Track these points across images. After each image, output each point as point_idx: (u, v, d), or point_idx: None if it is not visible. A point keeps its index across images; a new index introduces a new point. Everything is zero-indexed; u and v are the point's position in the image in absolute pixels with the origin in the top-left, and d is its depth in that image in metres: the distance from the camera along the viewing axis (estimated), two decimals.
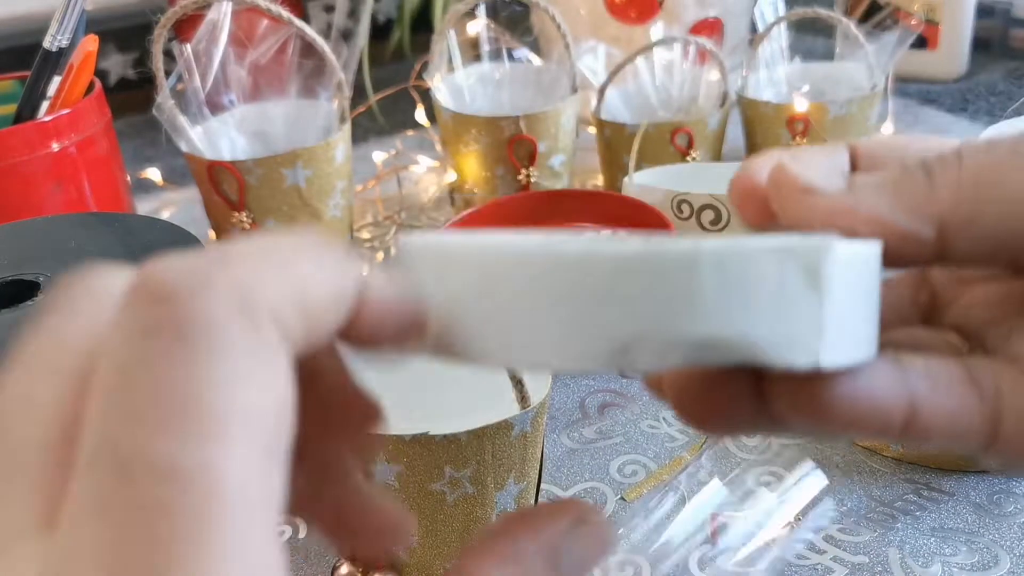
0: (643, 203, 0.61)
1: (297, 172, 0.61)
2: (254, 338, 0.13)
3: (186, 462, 0.12)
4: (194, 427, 0.12)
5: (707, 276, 0.15)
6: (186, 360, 0.13)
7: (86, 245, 0.44)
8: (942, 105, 0.86)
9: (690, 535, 0.41)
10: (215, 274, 0.13)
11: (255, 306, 0.13)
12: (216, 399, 0.12)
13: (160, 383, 0.12)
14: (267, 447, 0.13)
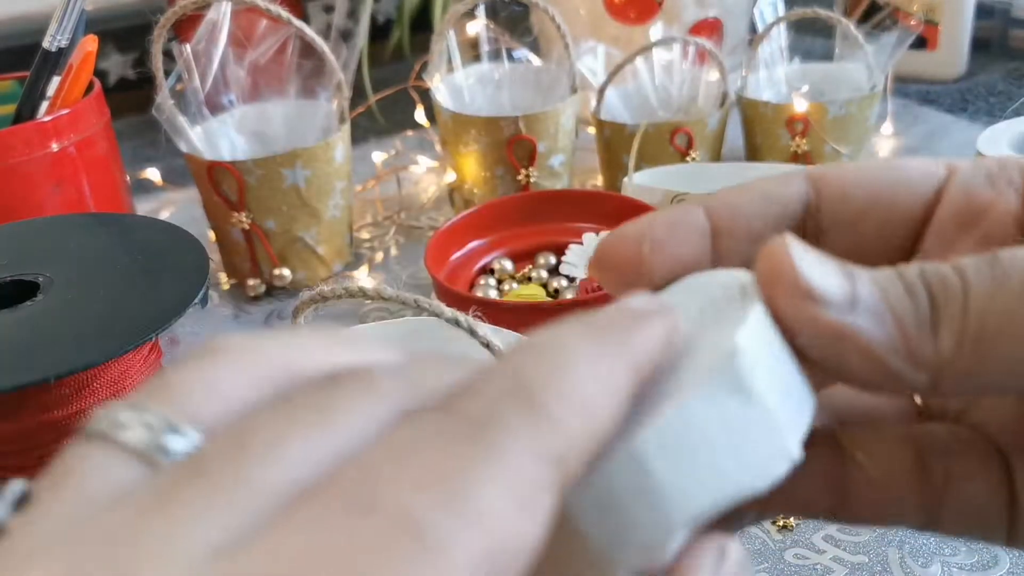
0: (643, 203, 0.61)
1: (297, 172, 0.61)
2: (539, 483, 0.13)
3: (436, 538, 0.12)
4: (457, 510, 0.12)
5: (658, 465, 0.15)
6: (478, 458, 0.13)
7: (86, 245, 0.44)
8: (941, 105, 0.87)
9: None
10: (518, 419, 0.14)
11: (549, 457, 0.14)
12: (487, 498, 0.13)
13: (448, 460, 0.13)
14: (496, 567, 0.13)
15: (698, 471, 0.15)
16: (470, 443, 0.13)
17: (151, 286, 0.40)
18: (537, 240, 0.63)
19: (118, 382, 0.39)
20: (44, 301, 0.39)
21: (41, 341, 0.37)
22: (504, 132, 0.67)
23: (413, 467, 0.13)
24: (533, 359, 0.15)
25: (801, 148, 0.70)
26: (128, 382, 0.40)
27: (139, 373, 0.41)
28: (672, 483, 0.15)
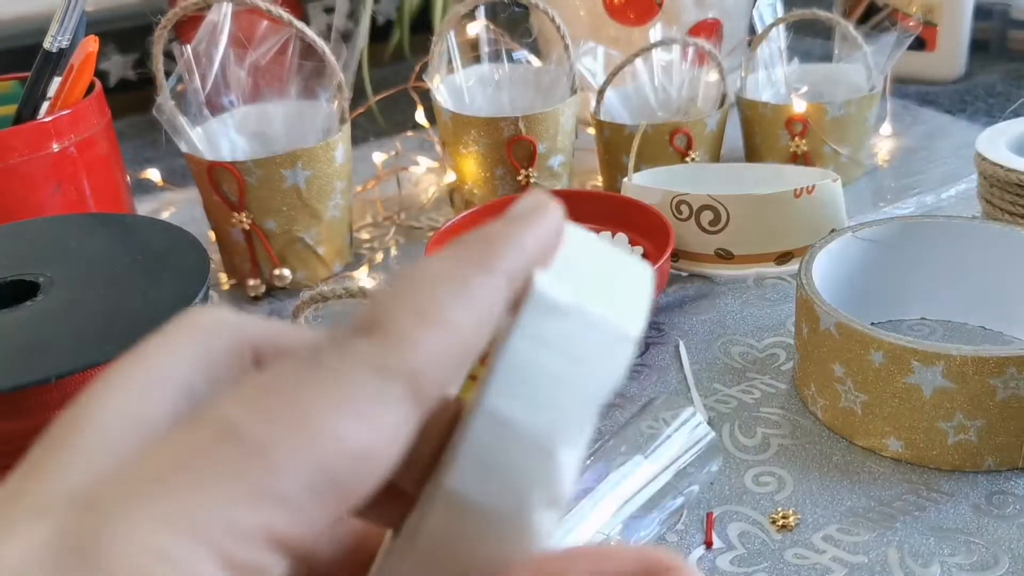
0: (642, 204, 0.61)
1: (297, 173, 0.61)
2: (377, 391, 0.15)
3: (252, 437, 0.14)
4: (281, 419, 0.14)
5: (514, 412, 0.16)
6: (314, 380, 0.15)
7: (86, 246, 0.44)
8: (940, 106, 0.87)
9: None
10: (367, 344, 0.15)
11: (392, 369, 0.15)
12: (315, 411, 0.14)
13: (281, 384, 0.15)
14: (334, 474, 0.14)
15: (553, 397, 0.16)
16: (308, 367, 0.15)
17: (151, 286, 0.40)
18: None
19: None
20: (44, 301, 0.39)
21: (41, 341, 0.37)
22: (504, 133, 0.67)
23: (246, 393, 0.14)
24: (393, 287, 0.16)
25: (800, 149, 0.70)
26: None
27: None
28: (534, 421, 0.16)
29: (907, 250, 0.53)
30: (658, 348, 0.55)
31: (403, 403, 0.15)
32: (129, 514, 0.13)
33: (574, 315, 0.17)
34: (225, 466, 0.13)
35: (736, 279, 0.61)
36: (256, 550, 0.13)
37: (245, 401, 0.14)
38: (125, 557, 0.13)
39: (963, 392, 0.41)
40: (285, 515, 0.14)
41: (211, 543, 0.13)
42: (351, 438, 0.14)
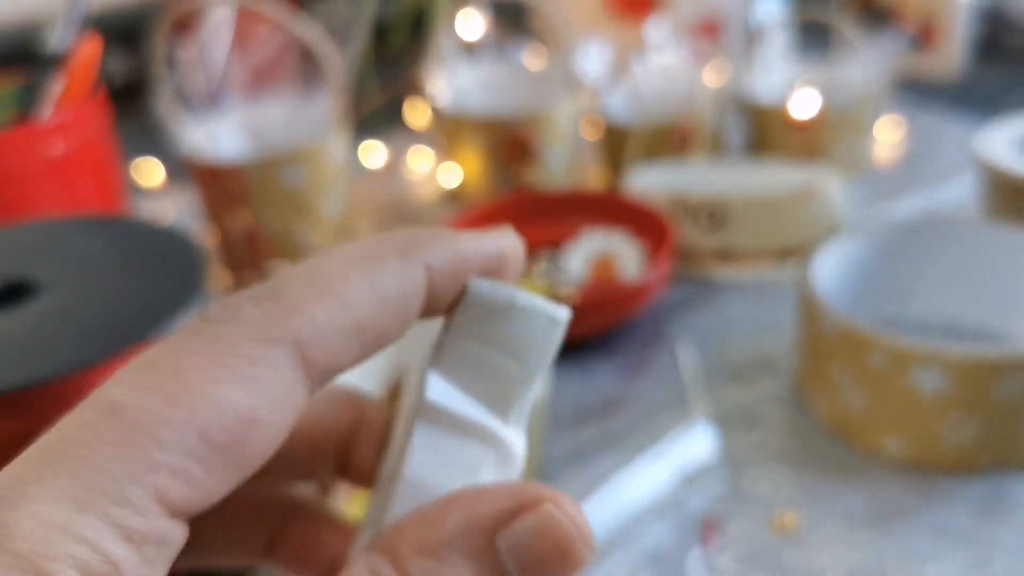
0: (642, 203, 0.61)
1: (296, 172, 0.61)
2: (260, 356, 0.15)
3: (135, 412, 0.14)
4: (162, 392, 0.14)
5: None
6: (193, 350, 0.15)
7: (86, 246, 0.44)
8: (939, 107, 0.87)
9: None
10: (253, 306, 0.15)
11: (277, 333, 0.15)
12: (195, 381, 0.14)
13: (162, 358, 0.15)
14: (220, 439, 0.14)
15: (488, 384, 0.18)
16: (192, 335, 0.15)
17: (151, 286, 0.40)
18: (536, 240, 0.63)
19: None
20: (44, 302, 0.39)
21: (41, 341, 0.37)
22: (503, 132, 0.67)
23: (130, 370, 0.15)
24: (301, 263, 0.17)
25: (800, 148, 0.70)
26: None
27: None
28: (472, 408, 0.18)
29: (907, 251, 0.53)
30: (657, 348, 0.55)
31: (288, 369, 0.15)
32: (26, 495, 0.13)
33: (500, 300, 0.18)
34: (112, 443, 0.14)
35: (736, 279, 0.61)
36: (153, 519, 0.14)
37: (127, 378, 0.15)
38: (27, 535, 0.13)
39: (962, 393, 0.41)
40: (177, 484, 0.14)
41: (108, 516, 0.14)
42: (233, 404, 0.15)
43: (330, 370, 0.16)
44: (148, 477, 0.14)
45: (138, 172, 0.79)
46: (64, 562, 0.13)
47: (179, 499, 0.14)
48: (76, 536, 0.13)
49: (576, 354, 0.55)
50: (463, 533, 0.16)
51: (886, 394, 0.43)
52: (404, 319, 0.17)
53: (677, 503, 0.43)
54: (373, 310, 0.16)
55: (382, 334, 0.16)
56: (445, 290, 0.17)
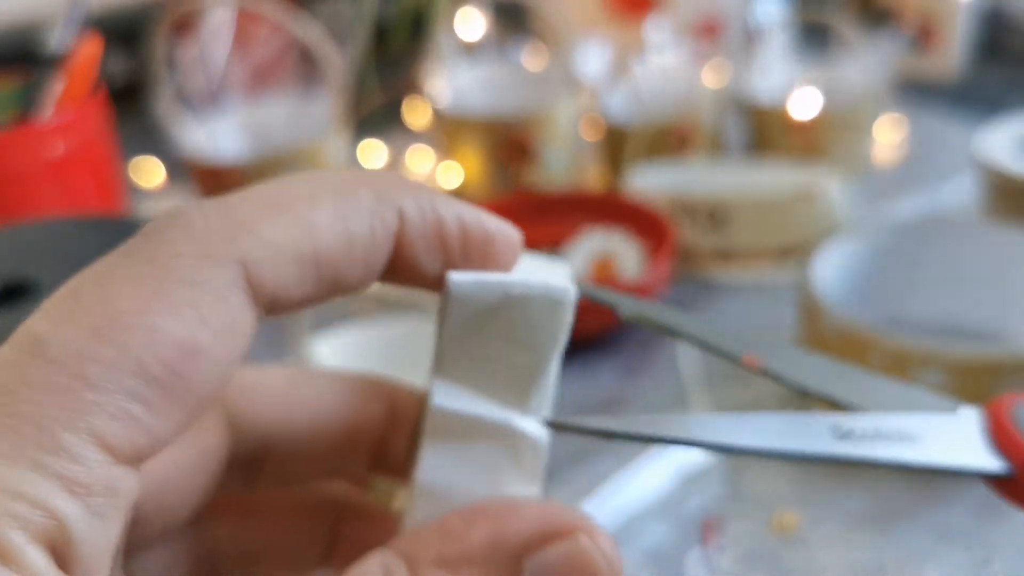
0: (642, 203, 0.61)
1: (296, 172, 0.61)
2: (203, 277, 0.13)
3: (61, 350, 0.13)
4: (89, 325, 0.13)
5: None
6: (125, 272, 0.13)
7: (85, 247, 0.44)
8: (939, 107, 0.87)
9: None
10: (203, 216, 0.14)
11: (223, 249, 0.13)
12: (126, 309, 0.13)
13: (89, 284, 0.13)
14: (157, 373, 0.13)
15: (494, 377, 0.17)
16: (121, 259, 0.14)
17: None
18: (536, 241, 0.63)
19: None
20: None
21: None
22: (503, 133, 0.67)
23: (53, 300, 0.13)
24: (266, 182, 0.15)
25: (800, 149, 0.70)
26: None
27: None
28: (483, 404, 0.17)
29: (906, 251, 0.53)
30: (657, 348, 0.55)
31: (232, 293, 0.14)
32: None
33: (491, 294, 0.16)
34: (37, 385, 0.12)
35: (736, 280, 0.61)
36: (95, 467, 0.12)
37: (51, 310, 0.13)
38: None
39: (962, 393, 0.41)
40: (115, 426, 0.13)
41: (44, 468, 0.12)
42: (170, 335, 0.13)
43: (279, 301, 0.14)
44: (82, 421, 0.12)
45: (138, 172, 0.79)
46: (5, 523, 0.12)
47: (122, 443, 0.13)
48: (12, 492, 0.12)
49: (576, 354, 0.55)
50: (487, 550, 0.15)
51: None
52: (368, 264, 0.15)
53: (677, 503, 0.43)
54: (336, 242, 0.14)
55: (342, 274, 0.15)
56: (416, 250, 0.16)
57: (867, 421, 0.17)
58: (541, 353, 0.17)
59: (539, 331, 0.17)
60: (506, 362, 0.17)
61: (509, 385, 0.17)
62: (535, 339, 0.17)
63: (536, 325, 0.17)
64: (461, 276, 0.16)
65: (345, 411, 0.19)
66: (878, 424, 0.17)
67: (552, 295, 0.17)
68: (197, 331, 0.13)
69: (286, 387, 0.18)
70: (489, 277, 0.16)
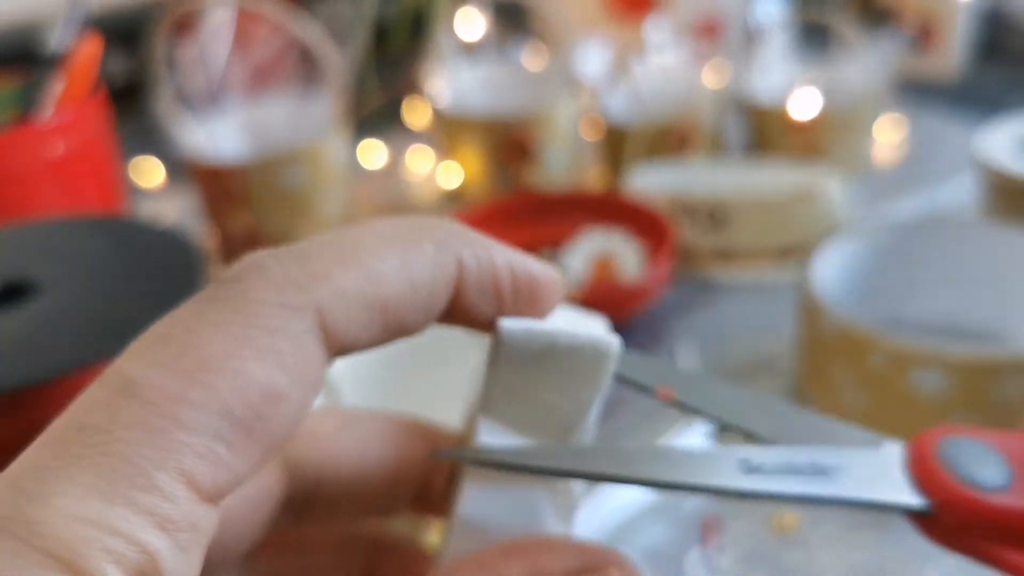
0: (642, 203, 0.61)
1: (296, 172, 0.61)
2: (283, 324, 0.14)
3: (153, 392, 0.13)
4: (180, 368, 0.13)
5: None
6: (211, 318, 0.14)
7: (85, 246, 0.44)
8: (939, 108, 0.87)
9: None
10: (279, 266, 0.14)
11: (301, 298, 0.14)
12: (214, 354, 0.13)
13: (177, 328, 0.14)
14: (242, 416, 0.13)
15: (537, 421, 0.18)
16: (206, 304, 0.14)
17: (150, 287, 0.40)
18: (536, 241, 0.63)
19: None
20: (43, 302, 0.39)
21: (40, 342, 0.37)
22: (503, 133, 0.67)
23: (143, 343, 0.14)
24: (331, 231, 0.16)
25: (800, 150, 0.70)
26: None
27: None
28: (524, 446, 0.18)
29: (906, 251, 0.53)
30: (657, 348, 0.55)
31: (309, 341, 0.14)
32: (49, 488, 0.13)
33: (538, 342, 0.17)
34: (132, 426, 0.13)
35: (736, 280, 0.61)
36: (183, 504, 0.13)
37: (142, 353, 0.14)
38: (58, 532, 0.12)
39: (962, 394, 0.41)
40: (203, 466, 0.13)
41: (137, 505, 0.13)
42: (255, 379, 0.14)
43: (347, 345, 0.15)
44: (173, 461, 0.13)
45: (138, 172, 0.79)
46: (101, 557, 0.12)
47: (207, 482, 0.13)
48: (108, 528, 0.12)
49: None
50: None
51: (886, 395, 0.43)
52: (429, 309, 0.16)
53: (677, 503, 0.43)
54: (401, 290, 0.15)
55: (405, 320, 0.16)
56: (471, 296, 0.16)
57: (780, 455, 0.17)
58: (583, 400, 0.18)
59: (582, 379, 0.17)
60: (549, 406, 0.17)
61: (551, 428, 0.17)
62: (578, 386, 0.17)
63: (580, 373, 0.17)
64: (512, 323, 0.17)
65: (391, 453, 0.20)
66: (791, 458, 0.17)
67: (598, 346, 0.17)
68: (278, 376, 0.14)
69: (338, 430, 0.19)
70: (538, 326, 0.17)
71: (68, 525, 0.12)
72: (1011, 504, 0.17)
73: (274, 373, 0.14)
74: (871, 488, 0.17)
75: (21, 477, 0.13)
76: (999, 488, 0.17)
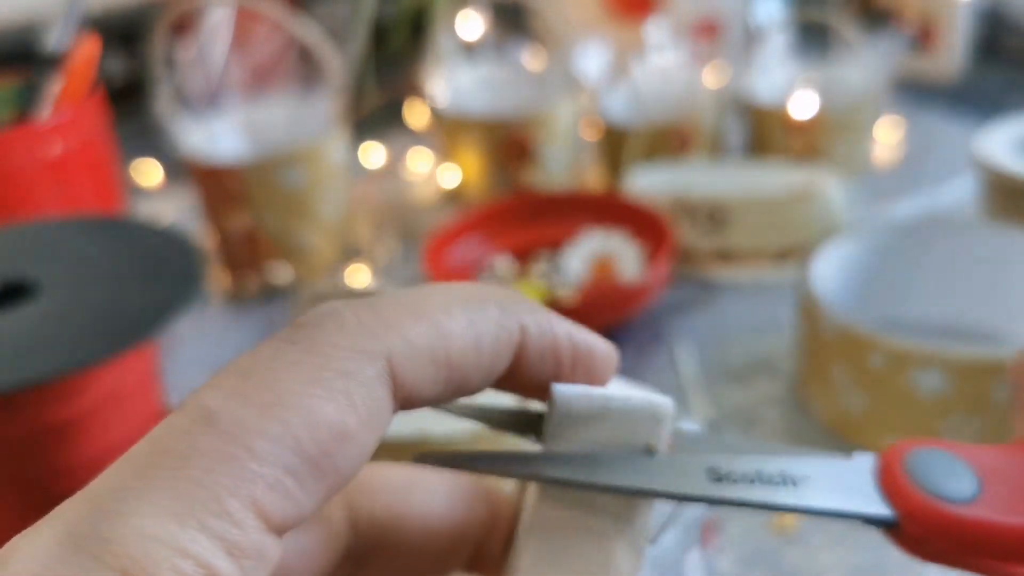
0: (642, 204, 0.61)
1: (295, 173, 0.61)
2: (356, 368, 0.15)
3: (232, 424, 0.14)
4: (258, 403, 0.14)
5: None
6: (289, 359, 0.15)
7: (84, 247, 0.44)
8: (939, 108, 0.87)
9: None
10: (354, 313, 0.15)
11: (374, 345, 0.15)
12: (290, 392, 0.14)
13: (257, 366, 0.15)
14: (312, 453, 0.14)
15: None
16: (286, 344, 0.15)
17: (149, 287, 0.40)
18: (536, 241, 0.63)
19: (116, 383, 0.39)
20: (43, 302, 0.39)
21: (39, 342, 0.37)
22: (503, 133, 0.67)
23: (223, 377, 0.15)
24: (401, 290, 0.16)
25: (799, 149, 0.70)
26: (126, 383, 0.40)
27: (137, 374, 0.41)
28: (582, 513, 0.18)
29: (906, 251, 0.53)
30: (657, 349, 0.55)
31: (378, 385, 0.15)
32: (125, 508, 0.13)
33: (592, 406, 0.17)
34: (208, 453, 0.14)
35: (736, 280, 0.61)
36: (252, 533, 0.14)
37: (222, 385, 0.14)
38: (131, 551, 0.13)
39: (961, 394, 0.41)
40: (272, 497, 0.14)
41: (209, 530, 0.13)
42: (327, 418, 0.14)
43: (413, 397, 0.16)
44: (245, 490, 0.14)
45: (137, 172, 0.79)
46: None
47: (275, 513, 0.14)
48: (180, 550, 0.13)
49: None
50: None
51: (886, 395, 0.43)
52: (491, 370, 0.16)
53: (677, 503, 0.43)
54: (467, 348, 0.16)
55: (468, 377, 0.16)
56: (530, 361, 0.17)
57: (750, 463, 0.17)
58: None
59: (637, 441, 0.17)
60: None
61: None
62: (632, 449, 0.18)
63: (635, 435, 0.17)
64: (565, 387, 0.18)
65: (455, 513, 0.20)
66: (761, 466, 0.17)
67: (652, 410, 0.18)
68: (348, 416, 0.15)
69: (404, 486, 0.20)
70: (592, 390, 0.18)
71: (140, 544, 0.13)
72: (975, 516, 0.17)
73: (344, 413, 0.14)
74: (839, 498, 0.17)
75: (100, 496, 0.13)
76: (965, 500, 0.17)
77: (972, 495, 0.17)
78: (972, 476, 0.17)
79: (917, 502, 0.17)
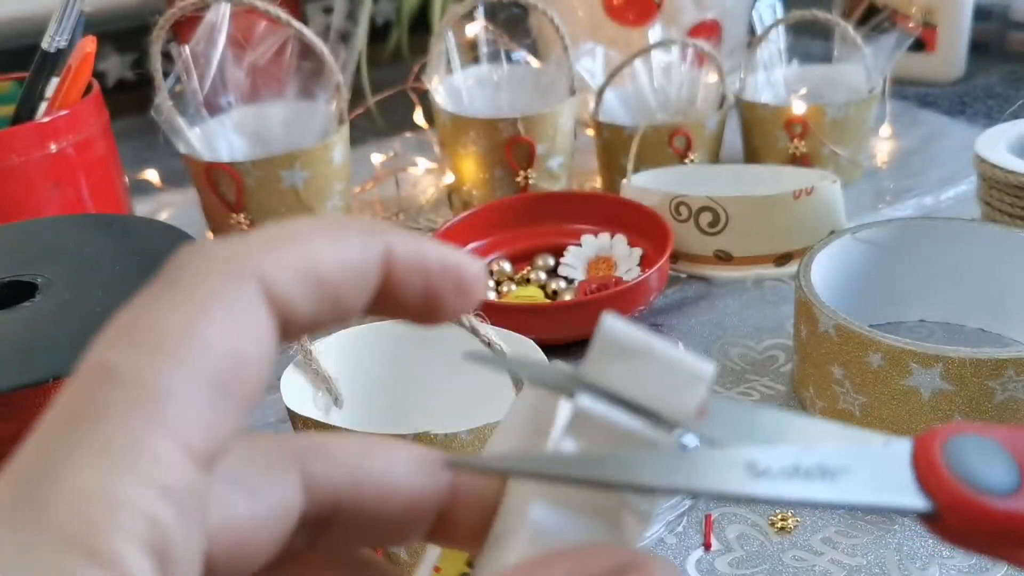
0: (641, 205, 0.61)
1: (295, 174, 0.61)
2: (232, 291, 0.15)
3: (132, 371, 0.14)
4: (150, 345, 0.14)
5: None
6: (166, 298, 0.15)
7: (84, 246, 0.44)
8: (940, 108, 0.87)
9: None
10: (219, 247, 0.16)
11: (243, 268, 0.15)
12: (177, 327, 0.15)
13: (138, 312, 0.15)
14: (216, 379, 0.15)
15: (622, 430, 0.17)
16: (163, 285, 0.15)
17: None
18: (535, 242, 0.63)
19: None
20: (43, 302, 0.39)
21: (40, 342, 0.37)
22: (503, 134, 0.67)
23: (112, 330, 0.15)
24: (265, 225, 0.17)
25: (799, 150, 0.70)
26: None
27: None
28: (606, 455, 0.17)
29: (906, 252, 0.53)
30: None
31: (258, 305, 0.15)
32: (56, 470, 0.13)
33: (637, 344, 0.17)
34: (121, 404, 0.14)
35: (735, 281, 0.61)
36: (182, 471, 0.14)
37: (112, 340, 0.15)
38: (71, 511, 0.13)
39: (961, 394, 0.41)
40: (192, 430, 0.14)
41: (142, 475, 0.13)
42: (219, 343, 0.15)
43: (291, 315, 0.16)
44: (165, 429, 0.14)
45: (137, 172, 0.79)
46: (116, 534, 0.13)
47: (199, 445, 0.14)
48: (119, 501, 0.13)
49: (576, 355, 0.55)
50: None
51: (885, 395, 0.43)
52: (363, 285, 0.17)
53: (677, 503, 0.43)
54: (335, 265, 0.16)
55: (341, 296, 0.17)
56: (400, 276, 0.17)
57: (787, 456, 0.17)
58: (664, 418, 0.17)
59: (669, 397, 0.17)
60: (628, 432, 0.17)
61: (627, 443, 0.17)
62: (663, 402, 0.17)
63: (668, 390, 0.17)
64: (614, 318, 0.17)
65: (414, 480, 0.20)
66: (798, 460, 0.17)
67: (693, 367, 0.17)
68: (240, 340, 0.15)
69: (361, 453, 0.20)
70: (639, 329, 0.17)
71: (79, 502, 0.13)
72: (1016, 510, 0.16)
73: (236, 337, 0.15)
74: (877, 491, 0.17)
75: (24, 467, 0.14)
76: (1007, 492, 0.17)
77: (1013, 486, 0.17)
78: (1012, 464, 0.17)
79: (956, 495, 0.16)
